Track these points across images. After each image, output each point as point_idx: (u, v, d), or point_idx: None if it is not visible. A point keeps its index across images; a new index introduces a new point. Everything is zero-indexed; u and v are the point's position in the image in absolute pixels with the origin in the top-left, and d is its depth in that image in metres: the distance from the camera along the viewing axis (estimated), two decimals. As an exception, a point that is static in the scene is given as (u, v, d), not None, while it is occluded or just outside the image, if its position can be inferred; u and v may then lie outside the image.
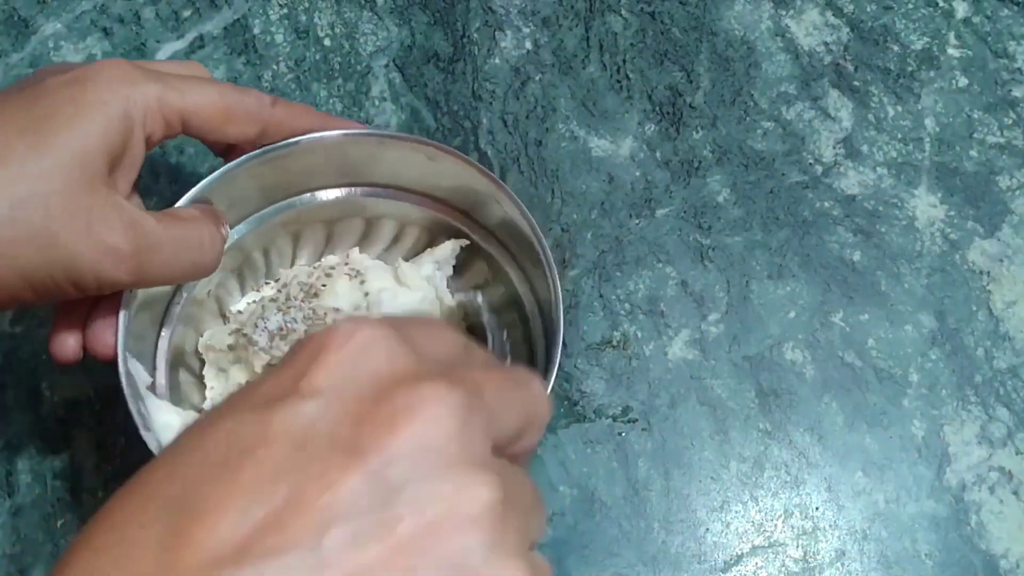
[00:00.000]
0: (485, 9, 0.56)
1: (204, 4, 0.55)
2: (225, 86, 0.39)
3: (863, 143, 0.53)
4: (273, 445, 0.21)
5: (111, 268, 0.34)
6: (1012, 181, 0.52)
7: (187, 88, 0.37)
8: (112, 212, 0.34)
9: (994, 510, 0.46)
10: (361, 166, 0.44)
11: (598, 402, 0.47)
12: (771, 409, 0.47)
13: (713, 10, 0.56)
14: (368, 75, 0.54)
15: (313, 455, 0.21)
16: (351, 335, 0.23)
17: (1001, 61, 0.55)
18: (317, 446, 0.21)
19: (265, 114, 0.40)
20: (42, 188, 0.33)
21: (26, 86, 0.35)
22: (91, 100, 0.35)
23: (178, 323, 0.43)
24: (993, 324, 0.49)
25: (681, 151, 0.53)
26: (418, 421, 0.22)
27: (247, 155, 0.41)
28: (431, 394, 0.22)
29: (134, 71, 0.36)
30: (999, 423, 0.47)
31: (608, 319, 0.49)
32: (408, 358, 0.23)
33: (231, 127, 0.39)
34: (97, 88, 0.35)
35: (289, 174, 0.43)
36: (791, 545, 0.45)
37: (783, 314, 0.49)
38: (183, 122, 0.38)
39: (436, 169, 0.43)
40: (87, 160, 0.34)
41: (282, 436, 0.21)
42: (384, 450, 0.21)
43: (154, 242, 0.36)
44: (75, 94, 0.35)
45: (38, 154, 0.33)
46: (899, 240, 0.51)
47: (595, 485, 0.45)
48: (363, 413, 0.22)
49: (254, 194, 0.43)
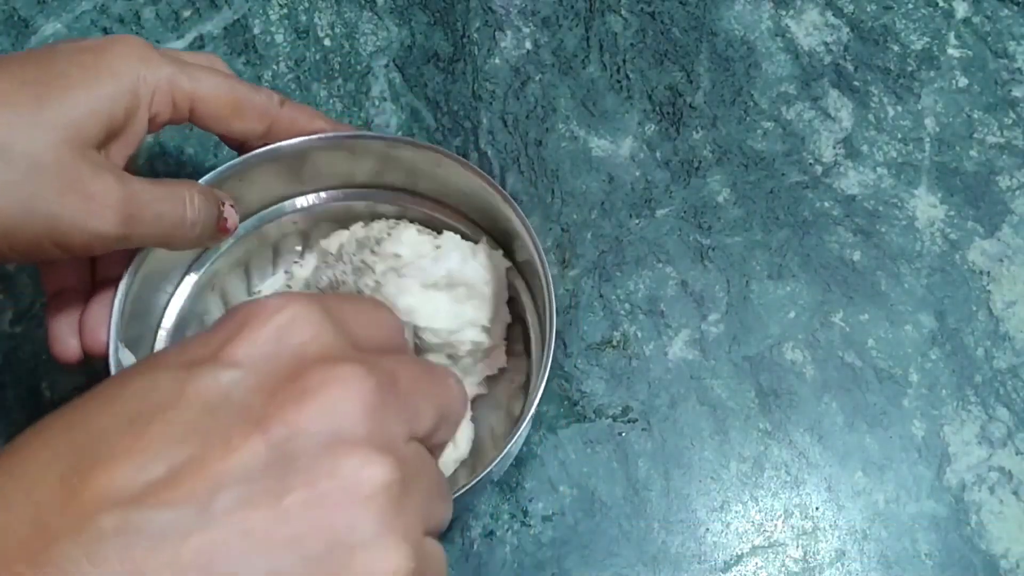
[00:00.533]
0: (485, 9, 0.56)
1: (204, 4, 0.55)
2: (237, 80, 0.39)
3: (863, 143, 0.53)
4: (185, 407, 0.22)
5: (98, 219, 0.34)
6: (1012, 181, 0.52)
7: (199, 75, 0.38)
8: (100, 168, 0.34)
9: (994, 510, 0.46)
10: (369, 169, 0.44)
11: (598, 402, 0.47)
12: (771, 409, 0.47)
13: (713, 10, 0.56)
14: (368, 75, 0.54)
15: (220, 421, 0.22)
16: (279, 309, 0.24)
17: (1001, 61, 0.55)
18: (226, 413, 0.22)
19: (273, 112, 0.40)
20: (34, 139, 0.33)
21: (41, 49, 0.36)
22: (100, 68, 0.35)
23: (181, 317, 0.44)
24: (993, 324, 0.49)
25: (681, 151, 0.53)
26: (327, 399, 0.22)
27: (255, 152, 0.41)
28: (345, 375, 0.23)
29: (149, 50, 0.36)
30: (999, 423, 0.47)
31: (608, 319, 0.49)
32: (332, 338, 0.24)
33: (238, 121, 0.39)
34: (109, 59, 0.35)
35: (298, 173, 0.44)
36: (791, 545, 0.45)
37: (783, 314, 0.49)
38: (191, 108, 0.38)
39: (441, 173, 0.43)
40: (84, 123, 0.34)
41: (195, 400, 0.22)
42: (288, 423, 0.22)
43: (140, 193, 0.35)
44: (86, 60, 0.35)
45: (37, 107, 0.33)
46: (899, 240, 0.51)
47: (595, 485, 0.45)
48: (276, 387, 0.23)
49: (261, 190, 0.44)
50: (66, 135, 0.33)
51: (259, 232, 0.45)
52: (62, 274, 0.40)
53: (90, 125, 0.34)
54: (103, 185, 0.34)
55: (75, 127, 0.34)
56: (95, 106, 0.34)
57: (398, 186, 0.45)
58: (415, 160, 0.43)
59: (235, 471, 0.21)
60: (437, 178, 0.44)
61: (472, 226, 0.45)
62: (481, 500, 0.45)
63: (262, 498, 0.21)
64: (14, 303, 0.48)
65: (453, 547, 0.44)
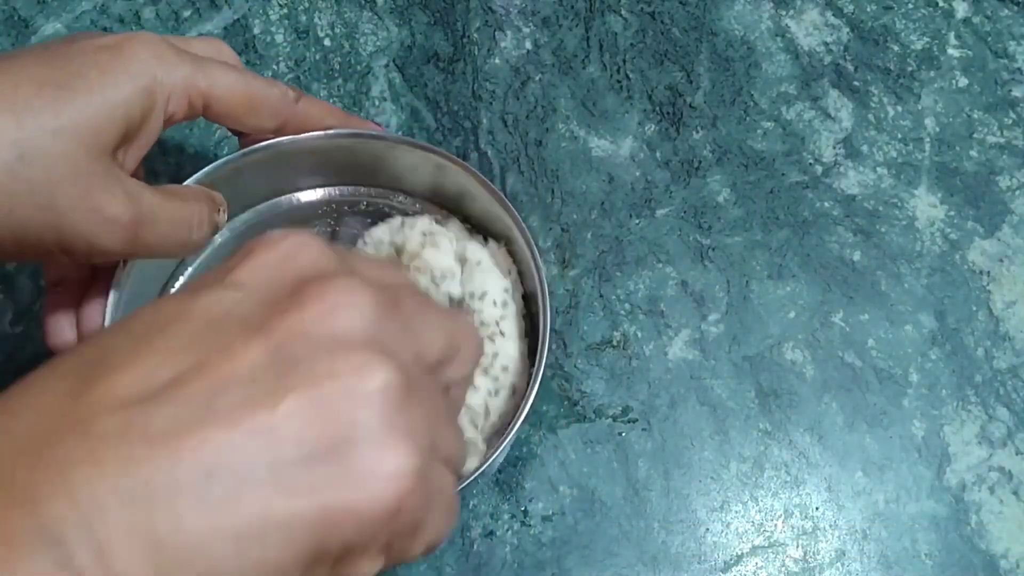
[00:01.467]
0: (485, 9, 0.56)
1: (204, 4, 0.55)
2: (252, 76, 0.39)
3: (863, 143, 0.53)
4: (189, 322, 0.23)
5: (105, 236, 0.34)
6: (1012, 181, 0.52)
7: (214, 73, 0.37)
8: (114, 181, 0.34)
9: (994, 510, 0.46)
10: (366, 167, 0.44)
11: (598, 402, 0.47)
12: (771, 409, 0.47)
13: (713, 10, 0.56)
14: (368, 75, 0.54)
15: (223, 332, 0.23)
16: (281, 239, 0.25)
17: (1001, 61, 0.55)
18: (229, 326, 0.23)
19: (287, 109, 0.40)
20: (52, 146, 0.33)
21: (58, 44, 0.35)
22: (119, 70, 0.34)
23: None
24: (993, 324, 0.49)
25: (681, 151, 0.53)
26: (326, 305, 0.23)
27: (251, 147, 0.41)
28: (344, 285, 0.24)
29: (167, 50, 0.36)
30: (999, 423, 0.47)
31: (608, 319, 0.49)
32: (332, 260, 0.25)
33: (252, 117, 0.39)
34: (127, 60, 0.35)
35: (293, 170, 0.44)
36: (791, 545, 0.45)
37: (783, 314, 0.49)
38: (206, 106, 0.38)
39: (440, 174, 0.43)
40: (102, 128, 0.34)
41: (199, 316, 0.23)
42: (288, 329, 0.23)
43: (149, 215, 0.36)
44: (104, 61, 0.34)
45: (56, 111, 0.33)
46: (899, 240, 0.51)
47: (595, 485, 0.45)
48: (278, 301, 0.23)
49: (257, 186, 0.44)
50: (84, 142, 0.33)
51: (258, 224, 0.45)
52: (66, 266, 0.40)
53: (108, 130, 0.34)
54: (115, 203, 0.34)
55: (93, 133, 0.33)
56: (113, 111, 0.34)
57: (393, 185, 0.46)
58: (412, 161, 0.43)
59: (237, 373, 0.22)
60: (432, 177, 0.44)
61: (468, 224, 0.45)
62: (481, 500, 0.45)
63: (263, 397, 0.21)
64: (14, 303, 0.48)
65: (453, 547, 0.44)
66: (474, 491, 0.45)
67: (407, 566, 0.43)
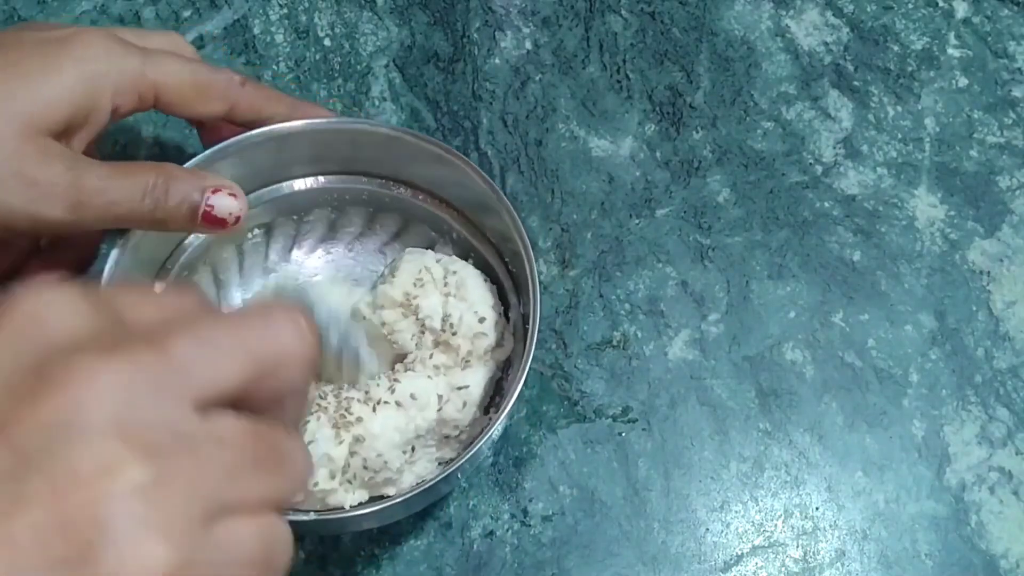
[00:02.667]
0: (485, 9, 0.56)
1: (204, 4, 0.55)
2: (198, 64, 0.40)
3: (863, 143, 0.53)
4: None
5: (45, 205, 0.35)
6: (1012, 181, 0.52)
7: (162, 63, 0.38)
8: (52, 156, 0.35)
9: (994, 510, 0.46)
10: (366, 158, 0.45)
11: (598, 402, 0.47)
12: (771, 409, 0.47)
13: (713, 10, 0.56)
14: (368, 75, 0.54)
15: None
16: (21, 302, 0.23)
17: (1001, 61, 0.55)
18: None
19: (233, 93, 0.41)
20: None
21: (4, 33, 0.36)
22: (63, 63, 0.35)
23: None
24: (993, 324, 0.49)
25: (681, 151, 0.53)
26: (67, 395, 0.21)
27: (228, 140, 0.42)
28: (88, 362, 0.22)
29: (115, 44, 0.37)
30: (999, 423, 0.47)
31: (608, 319, 0.49)
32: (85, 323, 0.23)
33: (200, 103, 0.40)
34: (72, 53, 0.36)
35: (294, 156, 0.44)
36: (791, 545, 0.45)
37: (783, 314, 0.49)
38: (156, 96, 0.38)
39: (439, 166, 0.44)
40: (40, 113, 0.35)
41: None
42: (25, 422, 0.21)
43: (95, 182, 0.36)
44: (49, 52, 0.35)
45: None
46: (899, 240, 0.51)
47: (595, 485, 0.45)
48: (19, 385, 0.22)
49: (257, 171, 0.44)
50: (19, 124, 0.34)
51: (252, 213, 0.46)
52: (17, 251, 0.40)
53: (47, 114, 0.35)
54: (50, 172, 0.35)
55: (28, 115, 0.34)
56: (52, 97, 0.35)
57: (394, 176, 0.46)
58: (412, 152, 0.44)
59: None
60: (430, 169, 0.44)
61: (464, 220, 0.46)
62: (481, 500, 0.45)
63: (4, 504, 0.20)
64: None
65: (453, 547, 0.44)
66: (474, 491, 0.45)
67: (406, 565, 0.43)
